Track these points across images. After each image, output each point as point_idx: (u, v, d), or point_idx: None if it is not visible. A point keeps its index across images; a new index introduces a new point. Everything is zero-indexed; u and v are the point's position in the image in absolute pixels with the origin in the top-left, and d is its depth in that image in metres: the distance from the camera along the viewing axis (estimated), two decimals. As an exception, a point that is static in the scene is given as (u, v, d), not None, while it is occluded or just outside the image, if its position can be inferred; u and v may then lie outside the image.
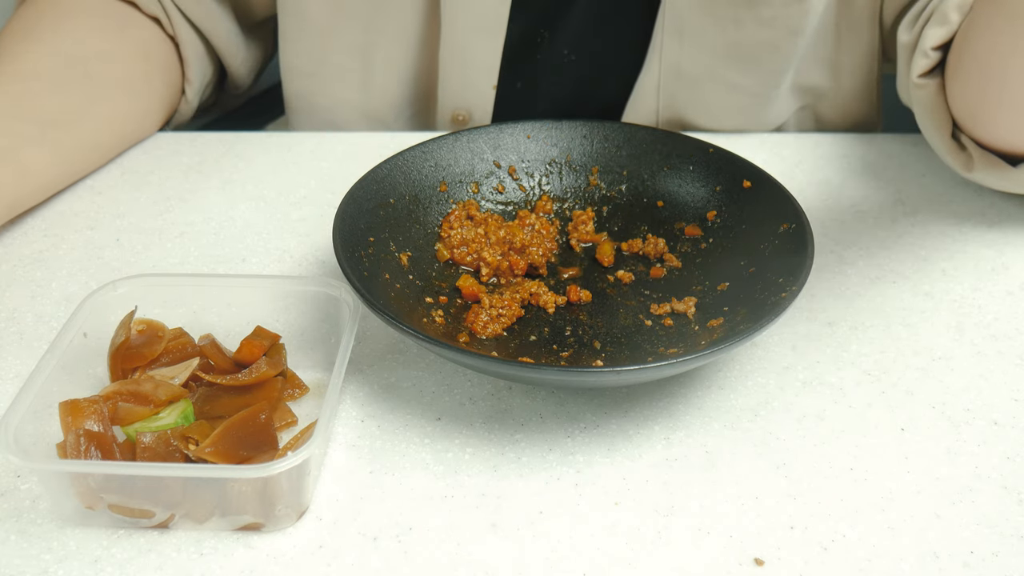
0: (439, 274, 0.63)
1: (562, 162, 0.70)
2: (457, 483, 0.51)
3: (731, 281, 0.61)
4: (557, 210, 0.69)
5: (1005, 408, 0.56)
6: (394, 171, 0.65)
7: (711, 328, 0.58)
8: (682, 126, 0.85)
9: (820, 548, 0.48)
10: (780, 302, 0.54)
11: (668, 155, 0.69)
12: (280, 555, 0.47)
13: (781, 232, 0.61)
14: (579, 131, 0.71)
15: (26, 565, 0.46)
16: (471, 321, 0.59)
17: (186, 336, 0.56)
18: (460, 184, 0.68)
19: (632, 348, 0.58)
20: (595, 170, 0.70)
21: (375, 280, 0.58)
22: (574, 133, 0.71)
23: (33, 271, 0.67)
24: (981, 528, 0.49)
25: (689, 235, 0.66)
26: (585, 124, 0.71)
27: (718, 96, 0.82)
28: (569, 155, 0.70)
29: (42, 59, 0.75)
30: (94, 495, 0.47)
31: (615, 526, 0.49)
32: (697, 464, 0.52)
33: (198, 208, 0.74)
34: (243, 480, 0.46)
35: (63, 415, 0.49)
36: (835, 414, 0.55)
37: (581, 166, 0.70)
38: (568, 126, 0.71)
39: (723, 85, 0.82)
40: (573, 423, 0.55)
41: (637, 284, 0.63)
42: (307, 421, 0.54)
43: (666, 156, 0.69)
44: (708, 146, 0.68)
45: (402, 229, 0.64)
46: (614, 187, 0.70)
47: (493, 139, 0.69)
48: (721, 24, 0.78)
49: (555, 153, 0.71)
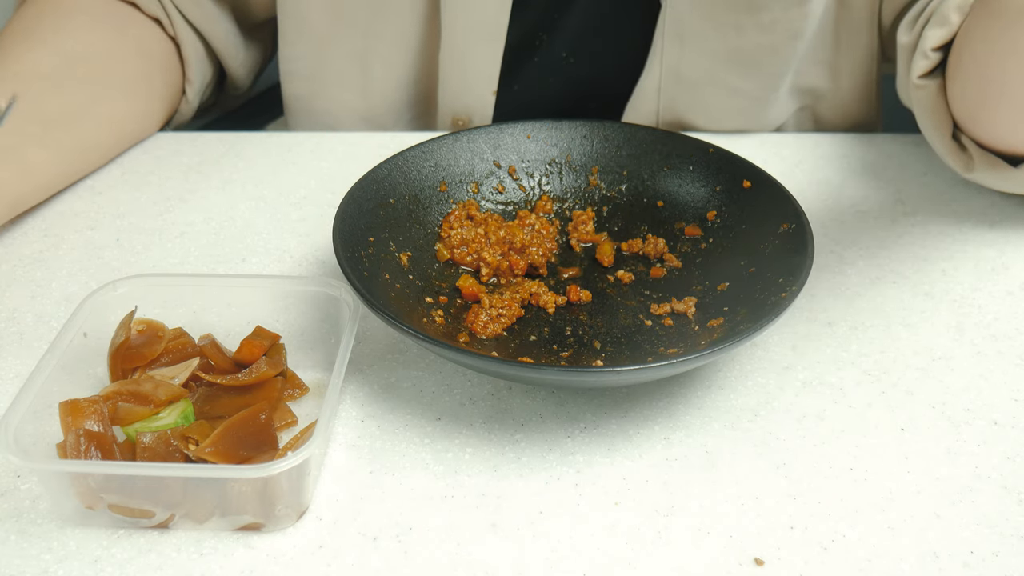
0: (439, 274, 0.63)
1: (562, 162, 0.70)
2: (457, 483, 0.51)
3: (731, 281, 0.61)
4: (557, 210, 0.69)
5: (1005, 408, 0.56)
6: (394, 171, 0.65)
7: (711, 328, 0.58)
8: (681, 127, 0.85)
9: (820, 548, 0.48)
10: (780, 302, 0.54)
11: (668, 155, 0.69)
12: (280, 555, 0.47)
13: (781, 232, 0.61)
14: (579, 131, 0.71)
15: (26, 565, 0.46)
16: (471, 321, 0.59)
17: (186, 336, 0.56)
18: (460, 184, 0.68)
19: (632, 348, 0.58)
20: (595, 170, 0.70)
21: (375, 280, 0.58)
22: (574, 133, 0.71)
23: (33, 271, 0.67)
24: (981, 528, 0.49)
25: (689, 235, 0.66)
26: (585, 124, 0.71)
27: (718, 99, 0.82)
28: (569, 155, 0.70)
29: (43, 59, 0.75)
30: (94, 495, 0.47)
31: (615, 526, 0.49)
32: (697, 464, 0.52)
33: (198, 208, 0.74)
34: (243, 480, 0.46)
35: (63, 415, 0.49)
36: (835, 414, 0.55)
37: (581, 166, 0.70)
38: (568, 126, 0.71)
39: (723, 89, 0.82)
40: (573, 423, 0.55)
41: (637, 284, 0.63)
42: (307, 421, 0.54)
43: (666, 156, 0.69)
44: (708, 146, 0.68)
45: (402, 229, 0.64)
46: (614, 187, 0.70)
47: (493, 139, 0.69)
48: (722, 30, 0.78)
49: (555, 153, 0.70)
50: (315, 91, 0.87)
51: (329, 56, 0.84)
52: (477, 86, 0.83)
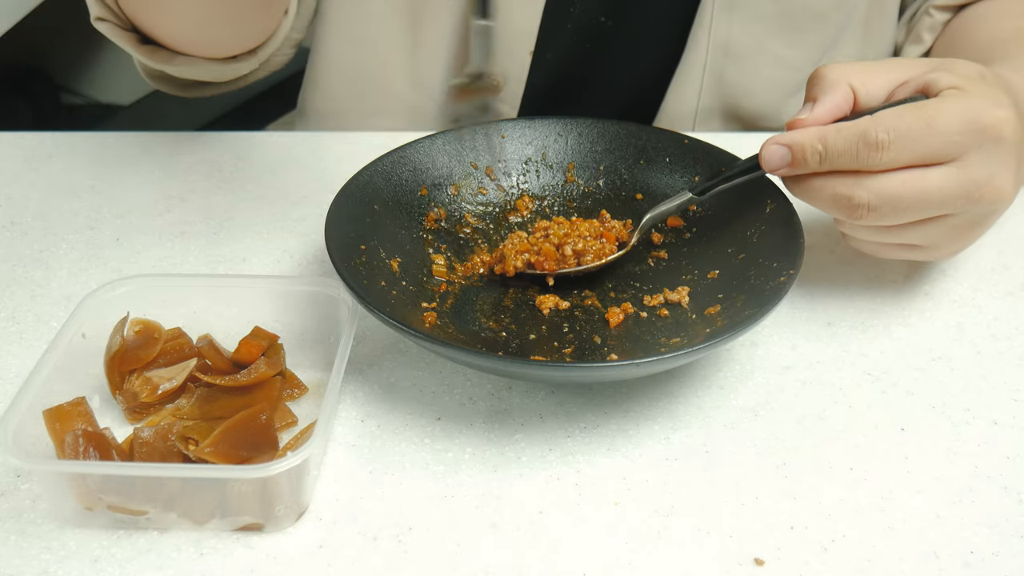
0: (430, 279, 0.63)
1: (538, 160, 0.71)
2: (457, 483, 0.51)
3: (720, 269, 0.62)
4: (537, 208, 0.69)
5: (1005, 408, 0.56)
6: (375, 177, 0.65)
7: (709, 316, 0.58)
8: (723, 109, 0.84)
9: (820, 548, 0.48)
10: (780, 287, 0.54)
11: (643, 148, 0.70)
12: (280, 555, 0.47)
13: (766, 215, 0.61)
14: (552, 128, 0.71)
15: (26, 565, 0.46)
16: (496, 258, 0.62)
17: (184, 337, 0.56)
18: (440, 187, 0.68)
19: (633, 341, 0.58)
20: (571, 166, 0.71)
21: (373, 288, 0.58)
22: (548, 131, 0.71)
23: (33, 271, 0.67)
24: (981, 528, 0.49)
25: (672, 226, 0.67)
26: (558, 121, 0.71)
27: (762, 71, 0.83)
28: (544, 153, 0.71)
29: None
30: (93, 496, 0.47)
31: (615, 526, 0.49)
32: (697, 464, 0.52)
33: (198, 208, 0.74)
34: (243, 480, 0.46)
35: (50, 424, 0.49)
36: (835, 414, 0.55)
37: (557, 163, 0.71)
38: (541, 124, 0.71)
39: (769, 57, 0.82)
40: (573, 423, 0.55)
41: (626, 277, 0.64)
42: (307, 421, 0.54)
43: (641, 149, 0.70)
44: (683, 137, 0.69)
45: (389, 235, 0.64)
46: (592, 182, 0.70)
47: (468, 140, 0.70)
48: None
49: (531, 152, 0.71)
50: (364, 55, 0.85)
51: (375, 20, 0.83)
52: (515, 46, 0.81)
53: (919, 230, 0.57)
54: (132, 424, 0.54)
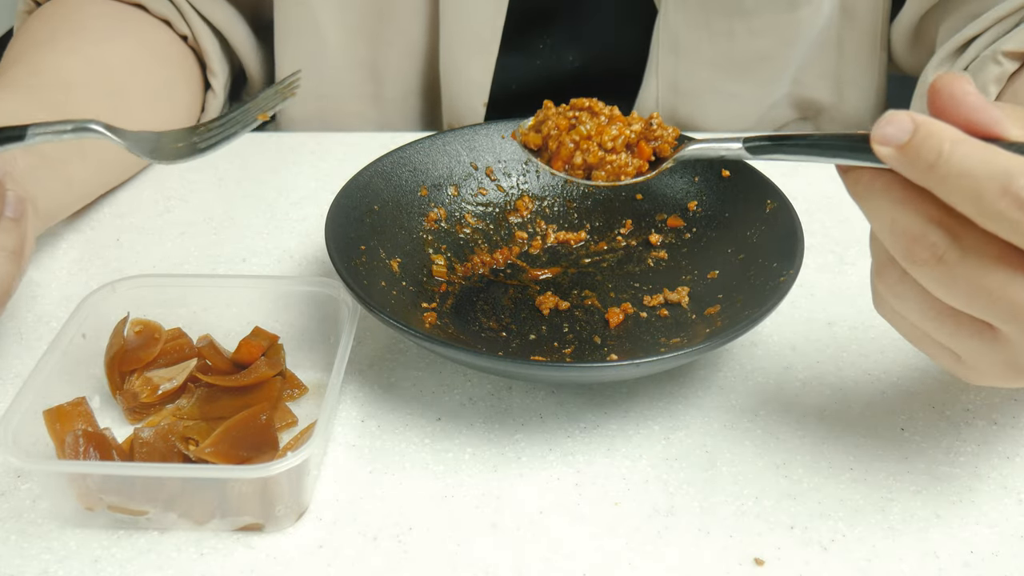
0: (430, 279, 0.63)
1: None
2: (457, 483, 0.51)
3: (720, 269, 0.62)
4: (537, 208, 0.69)
5: (1005, 408, 0.56)
6: (375, 178, 0.65)
7: (709, 316, 0.58)
8: None
9: (820, 548, 0.48)
10: (780, 286, 0.54)
11: None
12: (280, 555, 0.47)
13: (766, 216, 0.61)
14: None
15: (26, 565, 0.46)
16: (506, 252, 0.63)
17: (184, 337, 0.56)
18: (439, 188, 0.68)
19: (633, 341, 0.58)
20: None
21: (373, 287, 0.58)
22: None
23: (33, 271, 0.67)
24: (981, 528, 0.49)
25: (672, 226, 0.67)
26: None
27: (716, 106, 0.83)
28: None
29: (73, 71, 0.72)
30: (93, 496, 0.47)
31: (615, 526, 0.49)
32: (697, 464, 0.52)
33: (198, 208, 0.74)
34: (243, 480, 0.46)
35: (50, 424, 0.49)
36: (835, 414, 0.55)
37: None
38: None
39: (721, 95, 0.82)
40: (573, 423, 0.55)
41: (626, 277, 0.64)
42: (307, 421, 0.54)
43: None
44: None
45: (389, 236, 0.64)
46: None
47: (468, 141, 0.70)
48: (715, 38, 0.79)
49: None
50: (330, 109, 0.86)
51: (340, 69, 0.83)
52: (469, 97, 0.83)
53: (969, 336, 0.42)
54: (132, 424, 0.54)
